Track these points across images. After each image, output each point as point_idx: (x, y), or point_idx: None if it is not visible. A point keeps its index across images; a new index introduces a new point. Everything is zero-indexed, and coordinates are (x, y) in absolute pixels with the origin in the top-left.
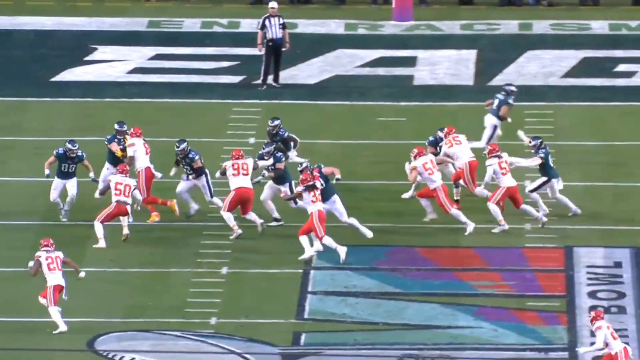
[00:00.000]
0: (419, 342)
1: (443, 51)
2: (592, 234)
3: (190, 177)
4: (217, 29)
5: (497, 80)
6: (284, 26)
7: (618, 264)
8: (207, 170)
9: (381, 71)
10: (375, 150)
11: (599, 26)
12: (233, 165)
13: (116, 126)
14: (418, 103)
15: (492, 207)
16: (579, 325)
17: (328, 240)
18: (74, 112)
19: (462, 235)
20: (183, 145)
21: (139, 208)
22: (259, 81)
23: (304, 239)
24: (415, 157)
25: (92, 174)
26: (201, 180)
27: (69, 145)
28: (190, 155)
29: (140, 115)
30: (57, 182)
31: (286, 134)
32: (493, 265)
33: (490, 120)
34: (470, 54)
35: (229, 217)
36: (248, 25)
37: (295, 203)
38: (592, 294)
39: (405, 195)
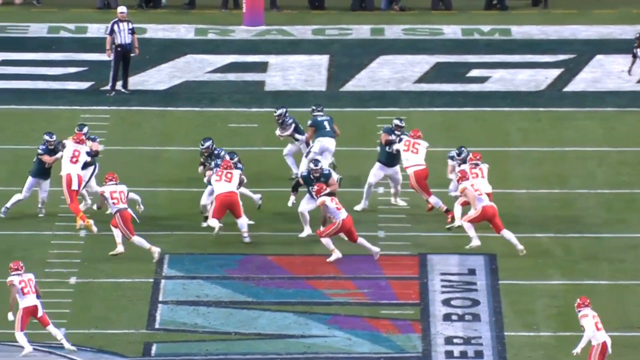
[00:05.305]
0: (273, 351)
1: (295, 56)
2: (446, 241)
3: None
4: (64, 34)
5: (349, 86)
6: (133, 31)
7: (472, 271)
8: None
9: (232, 77)
10: None
11: (451, 31)
12: (217, 172)
13: (46, 136)
14: (269, 109)
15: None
16: (433, 334)
17: (361, 241)
18: None
19: (315, 243)
20: (208, 143)
21: (141, 208)
22: (108, 87)
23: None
24: (459, 181)
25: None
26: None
27: (47, 137)
28: (216, 152)
29: None
30: (30, 182)
31: (291, 121)
32: (347, 273)
33: (330, 144)
34: (322, 59)
35: (214, 224)
36: (96, 30)
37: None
38: (446, 302)
39: (357, 208)
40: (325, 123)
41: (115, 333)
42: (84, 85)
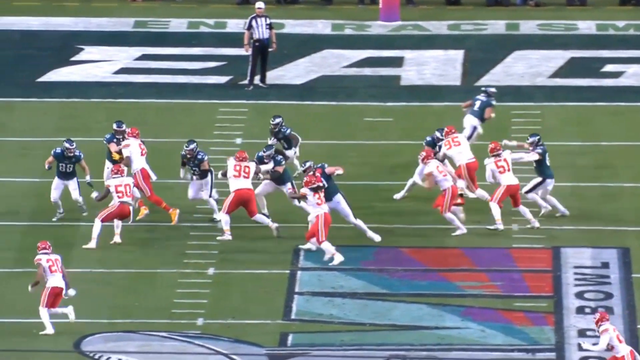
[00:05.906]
0: (407, 342)
1: (430, 51)
2: (579, 234)
3: (195, 177)
4: (203, 29)
5: (484, 81)
6: (270, 26)
7: (605, 265)
8: (212, 169)
9: (368, 71)
10: (362, 150)
11: (586, 26)
12: (235, 166)
13: (114, 126)
14: (405, 103)
15: (494, 206)
16: (567, 326)
17: (326, 246)
18: (60, 112)
19: (449, 236)
20: (192, 146)
21: (137, 206)
22: (246, 81)
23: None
24: (423, 160)
25: (88, 177)
26: (205, 178)
27: (67, 144)
28: (199, 157)
29: (126, 115)
30: (56, 182)
31: (288, 132)
32: (480, 265)
33: (471, 121)
34: (458, 54)
35: (226, 220)
36: (235, 25)
37: (298, 202)
38: (579, 295)
39: (397, 196)
40: (477, 102)
41: (252, 323)
42: (222, 79)
